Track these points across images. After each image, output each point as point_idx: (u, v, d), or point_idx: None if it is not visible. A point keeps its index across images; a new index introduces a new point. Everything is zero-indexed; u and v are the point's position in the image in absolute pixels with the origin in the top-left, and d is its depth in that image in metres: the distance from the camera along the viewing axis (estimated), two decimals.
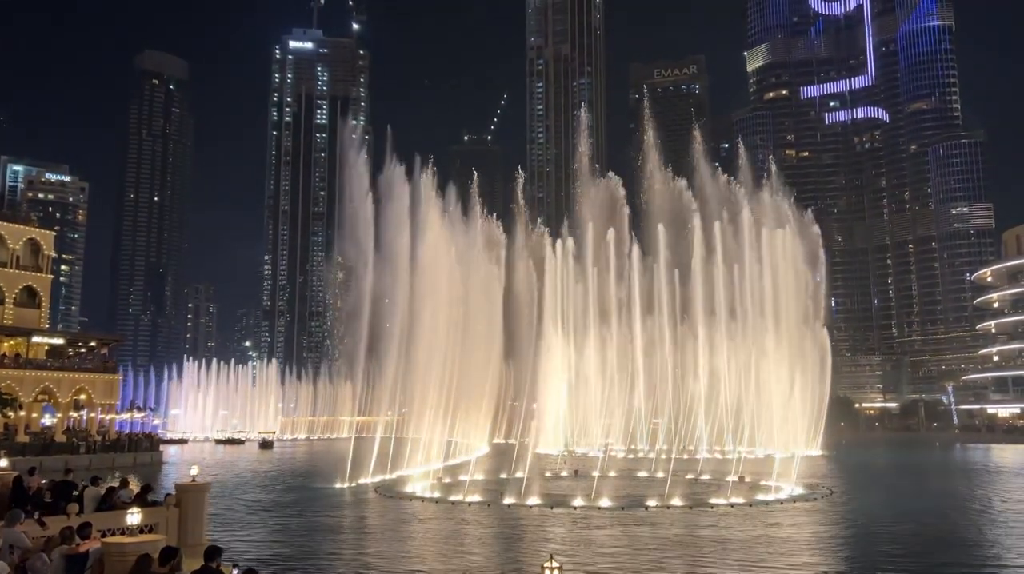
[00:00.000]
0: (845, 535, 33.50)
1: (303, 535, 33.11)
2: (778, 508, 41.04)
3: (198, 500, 22.62)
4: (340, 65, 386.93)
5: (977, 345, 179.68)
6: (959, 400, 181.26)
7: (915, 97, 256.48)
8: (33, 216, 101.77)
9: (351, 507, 43.55)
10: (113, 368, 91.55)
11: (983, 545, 30.72)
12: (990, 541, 31.64)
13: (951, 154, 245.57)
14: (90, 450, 76.51)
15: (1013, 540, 31.71)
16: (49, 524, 17.24)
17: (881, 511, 40.53)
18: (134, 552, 13.90)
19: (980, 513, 39.91)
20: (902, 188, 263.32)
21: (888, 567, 26.14)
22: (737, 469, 54.96)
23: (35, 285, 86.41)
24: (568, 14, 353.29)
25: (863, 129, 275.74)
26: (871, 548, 29.58)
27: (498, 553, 28.98)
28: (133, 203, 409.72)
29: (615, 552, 28.42)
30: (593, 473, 50.22)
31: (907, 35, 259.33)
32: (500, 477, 55.19)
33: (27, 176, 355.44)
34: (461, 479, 51.46)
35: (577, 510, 40.13)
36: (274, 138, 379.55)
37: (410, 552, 29.00)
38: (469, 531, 34.17)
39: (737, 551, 28.36)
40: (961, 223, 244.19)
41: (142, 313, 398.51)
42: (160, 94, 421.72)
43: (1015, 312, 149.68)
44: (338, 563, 27.09)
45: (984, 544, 30.99)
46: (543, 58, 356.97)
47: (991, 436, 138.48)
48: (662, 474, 53.27)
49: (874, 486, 55.55)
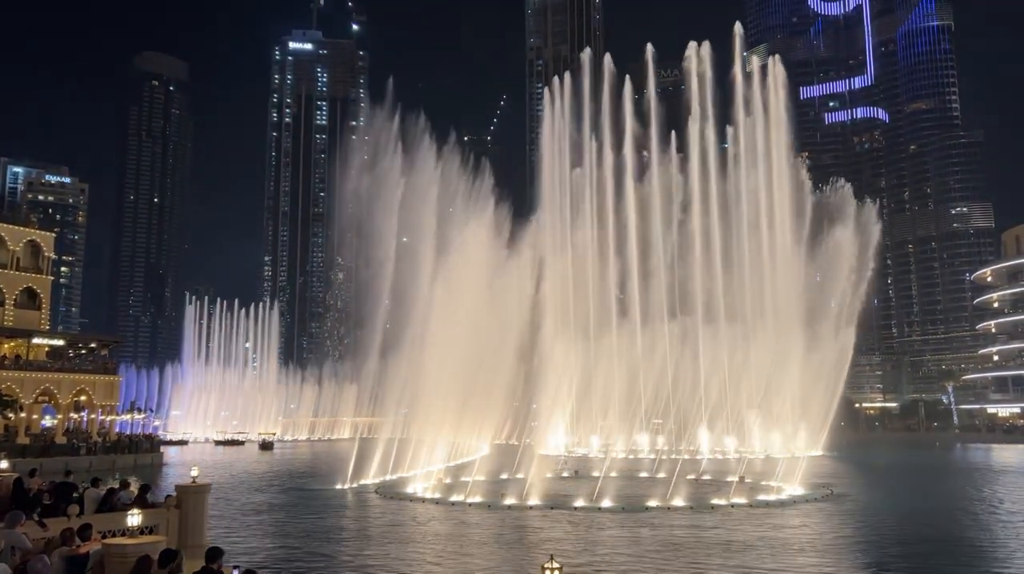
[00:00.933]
0: (848, 536, 33.42)
1: (300, 537, 33.03)
2: (779, 508, 40.99)
3: (199, 501, 22.59)
4: (340, 66, 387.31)
5: (977, 345, 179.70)
6: (959, 400, 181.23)
7: (914, 97, 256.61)
8: (33, 217, 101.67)
9: (350, 509, 43.48)
10: (113, 369, 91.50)
11: (989, 547, 30.63)
12: (1001, 542, 31.52)
13: (950, 154, 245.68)
14: (90, 451, 76.57)
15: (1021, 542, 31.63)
16: (49, 526, 17.22)
17: (885, 512, 40.49)
18: (134, 553, 13.89)
19: (987, 514, 39.84)
20: (902, 188, 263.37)
21: (892, 567, 26.11)
22: (739, 469, 54.95)
23: (35, 286, 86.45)
24: (568, 15, 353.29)
25: (862, 129, 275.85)
26: (876, 550, 29.52)
27: (496, 554, 28.91)
28: (133, 204, 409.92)
29: (613, 553, 28.37)
30: (594, 473, 50.21)
31: (906, 35, 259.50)
32: (501, 477, 55.17)
33: (27, 177, 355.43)
34: (463, 480, 51.38)
35: (578, 511, 40.09)
36: (274, 139, 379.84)
37: (406, 556, 28.91)
38: (468, 533, 34.11)
39: (738, 553, 28.31)
40: (961, 223, 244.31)
41: (142, 314, 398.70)
42: (160, 95, 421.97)
43: (1015, 312, 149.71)
44: (335, 565, 27.04)
45: (990, 546, 30.90)
46: (543, 59, 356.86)
47: (991, 436, 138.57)
48: (663, 474, 53.25)
49: (876, 486, 55.47)
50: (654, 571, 25.26)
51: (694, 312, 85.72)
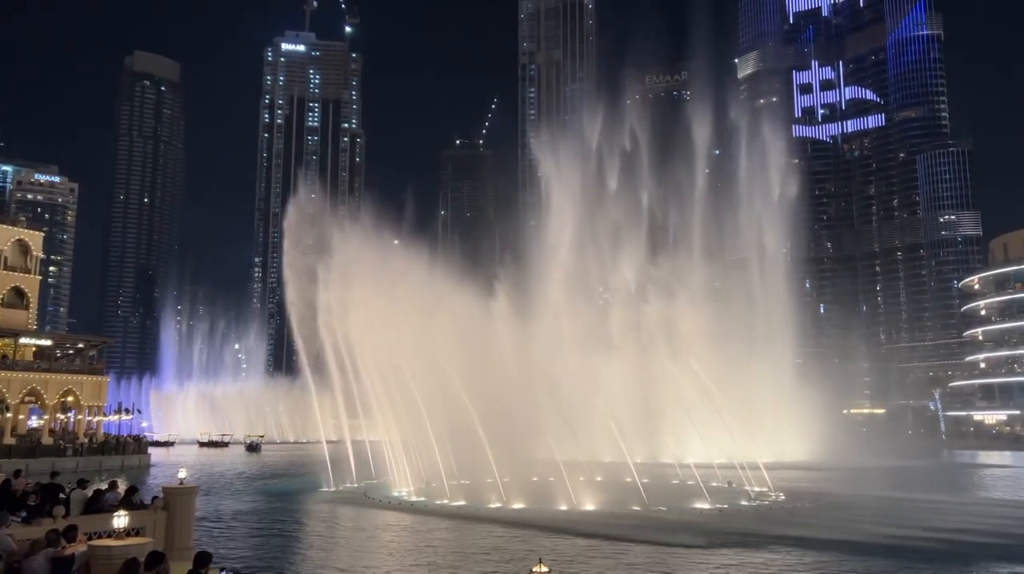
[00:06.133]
0: (821, 539, 33.72)
1: (280, 541, 33.09)
2: (764, 512, 41.28)
3: (186, 503, 22.55)
4: (332, 68, 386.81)
5: (964, 352, 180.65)
6: (946, 407, 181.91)
7: (904, 106, 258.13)
8: (22, 217, 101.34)
9: (333, 513, 43.52)
10: (101, 370, 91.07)
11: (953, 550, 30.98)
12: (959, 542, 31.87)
13: (939, 162, 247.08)
14: (77, 452, 76.29)
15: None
16: (35, 527, 17.26)
17: (866, 516, 40.84)
18: (120, 556, 13.95)
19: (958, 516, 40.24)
20: (891, 195, 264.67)
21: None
22: (723, 475, 55.28)
23: (23, 286, 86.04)
24: (560, 20, 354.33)
25: (852, 137, 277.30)
26: (852, 550, 29.82)
27: (472, 559, 29.05)
28: (123, 204, 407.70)
29: (594, 554, 28.59)
30: (580, 478, 50.43)
31: (896, 44, 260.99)
32: (487, 481, 55.26)
33: (16, 176, 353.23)
34: (449, 483, 51.46)
35: (562, 513, 40.29)
36: (265, 140, 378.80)
37: (382, 563, 29.02)
38: (443, 537, 34.23)
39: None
40: (949, 231, 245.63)
41: (131, 314, 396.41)
42: (151, 95, 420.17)
43: (1002, 320, 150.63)
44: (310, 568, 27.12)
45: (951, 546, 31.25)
46: (535, 63, 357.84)
47: (978, 443, 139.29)
48: (647, 479, 53.51)
49: (853, 492, 55.84)
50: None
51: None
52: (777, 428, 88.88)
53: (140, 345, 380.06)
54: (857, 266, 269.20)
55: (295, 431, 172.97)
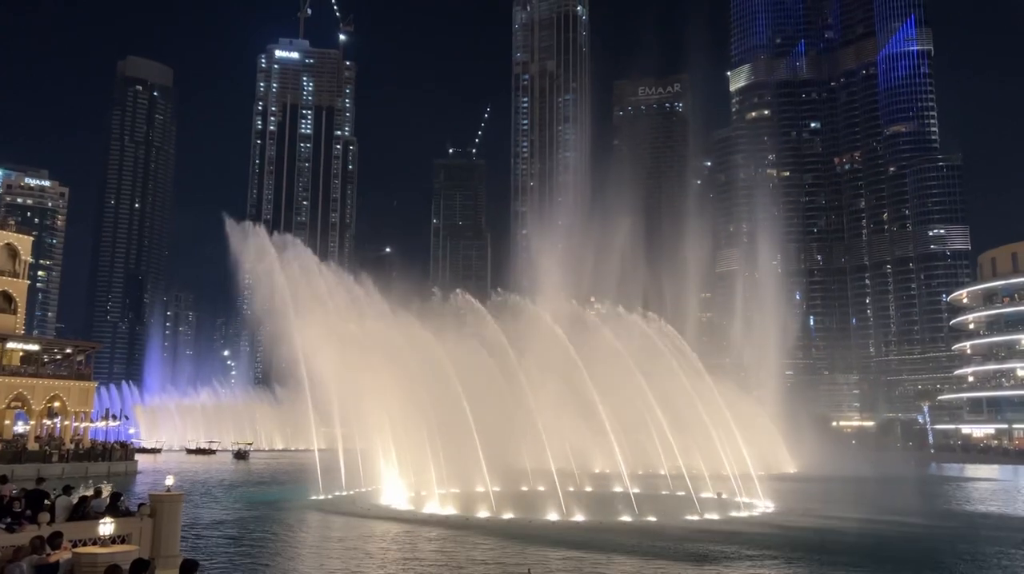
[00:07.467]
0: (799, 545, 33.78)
1: (264, 550, 32.88)
2: (753, 522, 41.31)
3: (172, 511, 22.37)
4: (326, 75, 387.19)
5: (953, 365, 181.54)
6: (935, 420, 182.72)
7: (894, 120, 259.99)
8: (11, 220, 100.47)
9: (323, 521, 43.31)
10: (88, 376, 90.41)
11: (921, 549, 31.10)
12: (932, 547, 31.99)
13: (928, 177, 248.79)
14: (63, 458, 75.64)
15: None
16: (20, 533, 17.11)
17: (846, 526, 40.96)
18: (105, 563, 13.81)
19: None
20: (880, 209, 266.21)
21: None
22: (713, 486, 55.31)
23: (11, 290, 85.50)
24: (554, 31, 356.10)
25: (843, 150, 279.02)
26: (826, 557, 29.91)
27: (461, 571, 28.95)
28: (113, 209, 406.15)
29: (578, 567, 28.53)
30: (569, 488, 50.35)
31: (886, 59, 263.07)
32: (476, 490, 55.11)
33: (6, 180, 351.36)
34: (439, 492, 51.31)
35: (553, 525, 40.21)
36: (258, 147, 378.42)
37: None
38: (431, 548, 34.10)
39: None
40: (938, 245, 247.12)
41: (120, 320, 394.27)
42: (144, 101, 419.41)
43: (990, 333, 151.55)
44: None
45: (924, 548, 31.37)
46: (528, 73, 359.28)
47: (965, 456, 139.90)
48: (637, 490, 53.49)
49: (843, 502, 55.99)
50: None
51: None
52: (767, 440, 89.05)
53: (128, 351, 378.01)
54: (847, 279, 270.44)
55: (284, 439, 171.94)
